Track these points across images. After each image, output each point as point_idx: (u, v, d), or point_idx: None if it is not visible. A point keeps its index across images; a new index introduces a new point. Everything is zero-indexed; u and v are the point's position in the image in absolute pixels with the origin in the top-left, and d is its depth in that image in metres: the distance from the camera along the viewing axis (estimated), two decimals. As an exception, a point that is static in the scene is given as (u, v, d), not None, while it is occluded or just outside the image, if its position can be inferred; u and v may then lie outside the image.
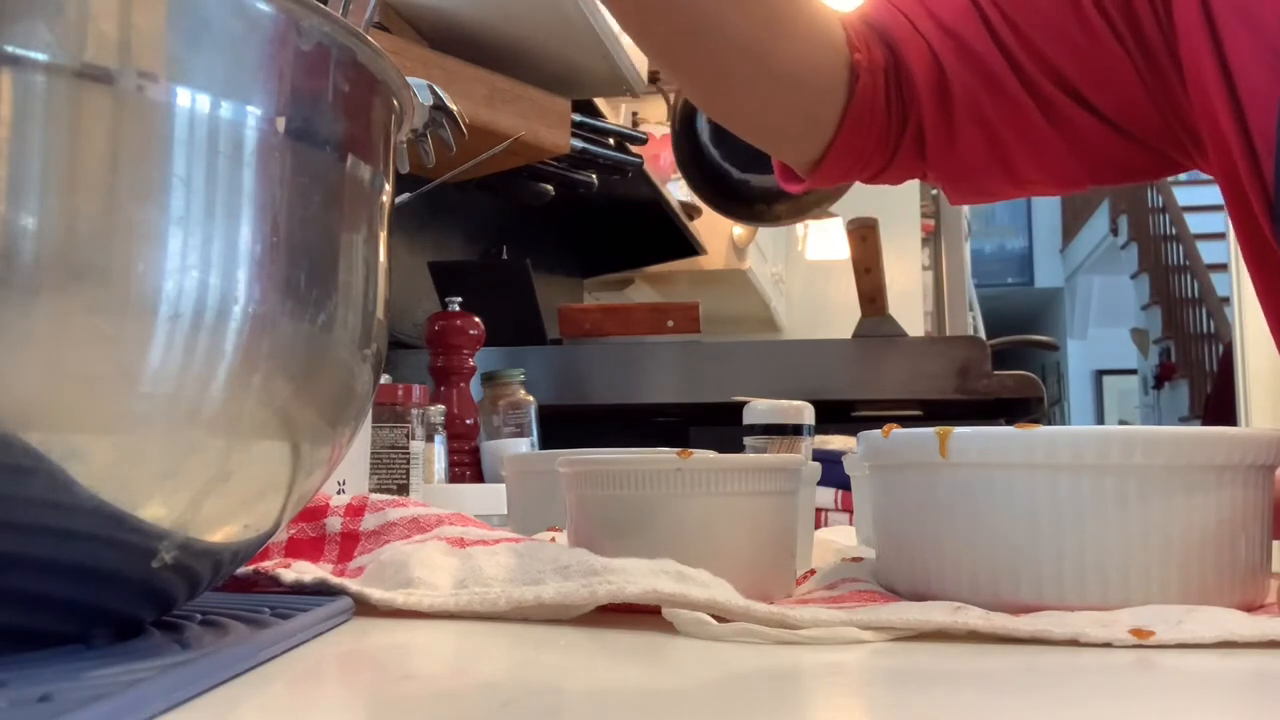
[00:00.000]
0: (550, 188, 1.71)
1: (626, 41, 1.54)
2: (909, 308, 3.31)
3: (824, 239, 3.74)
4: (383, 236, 0.41)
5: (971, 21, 0.70)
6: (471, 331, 1.31)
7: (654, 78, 1.87)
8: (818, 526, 0.90)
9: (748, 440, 0.68)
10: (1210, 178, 0.71)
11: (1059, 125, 0.70)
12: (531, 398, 1.34)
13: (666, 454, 0.50)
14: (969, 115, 0.71)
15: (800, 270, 3.83)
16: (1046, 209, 10.57)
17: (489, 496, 0.97)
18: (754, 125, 0.77)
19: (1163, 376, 8.44)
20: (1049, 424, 0.52)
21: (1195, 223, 7.97)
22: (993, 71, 0.70)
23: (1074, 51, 0.69)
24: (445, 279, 1.64)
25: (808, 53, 0.71)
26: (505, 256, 1.95)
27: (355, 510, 0.59)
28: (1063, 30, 0.69)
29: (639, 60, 1.61)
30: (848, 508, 0.98)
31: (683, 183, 1.78)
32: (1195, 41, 0.65)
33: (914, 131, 0.73)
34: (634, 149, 1.75)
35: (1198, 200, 7.96)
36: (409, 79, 0.42)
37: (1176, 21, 0.66)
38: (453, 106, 0.48)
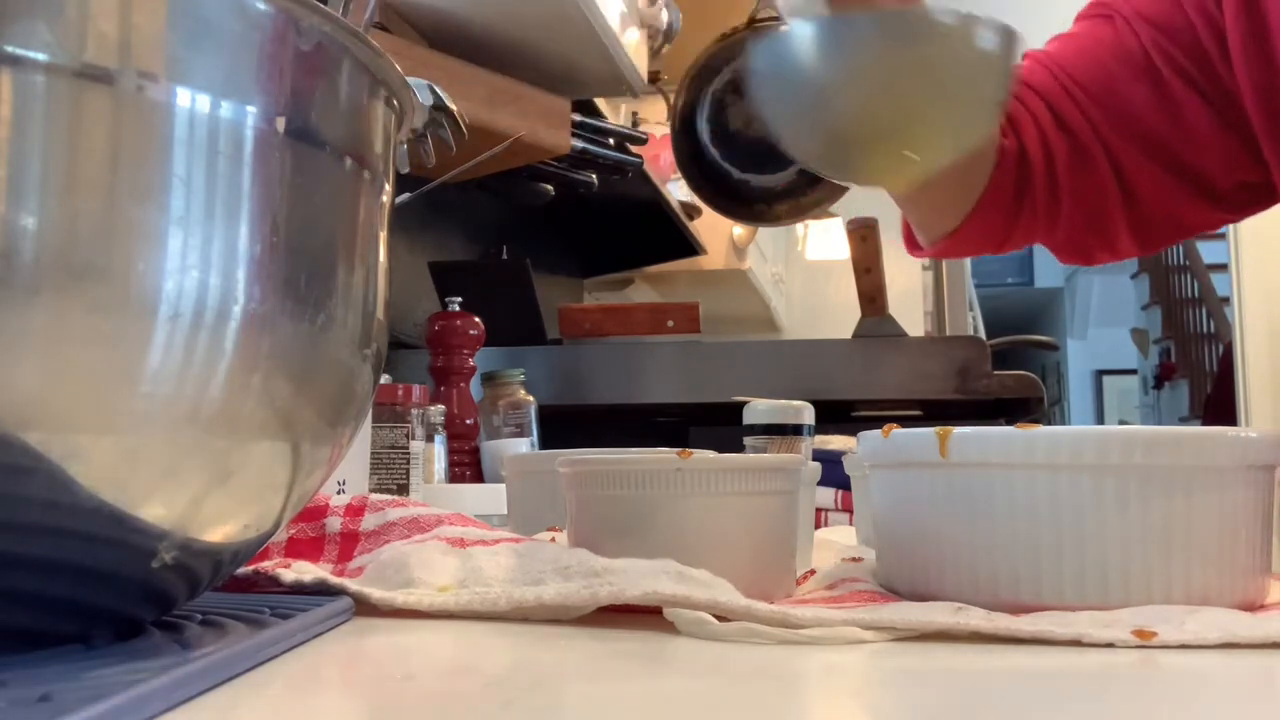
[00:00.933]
0: (550, 188, 1.71)
1: (626, 41, 1.53)
2: (909, 308, 3.30)
3: (824, 239, 3.74)
4: (383, 236, 0.41)
5: (1066, 102, 0.76)
6: (471, 331, 1.31)
7: (654, 78, 1.87)
8: (818, 526, 0.90)
9: (748, 440, 0.68)
10: None
11: (1149, 199, 0.77)
12: (531, 398, 1.34)
13: (666, 454, 0.50)
14: (1071, 192, 0.77)
15: (800, 270, 3.83)
16: (1046, 209, 10.54)
17: (489, 496, 0.97)
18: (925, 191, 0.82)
19: (1163, 376, 8.44)
20: (1049, 424, 0.52)
21: (1195, 223, 7.96)
22: (1089, 150, 0.76)
23: (1157, 119, 0.75)
24: (445, 279, 1.64)
25: None
26: (505, 256, 1.95)
27: (355, 510, 0.59)
28: (1145, 104, 0.75)
29: (639, 60, 1.61)
30: (848, 508, 0.98)
31: (683, 183, 1.78)
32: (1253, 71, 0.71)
33: (1030, 208, 0.79)
34: (634, 149, 1.75)
35: (1198, 200, 7.94)
36: (409, 79, 0.42)
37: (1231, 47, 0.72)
38: (453, 106, 0.48)
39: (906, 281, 3.53)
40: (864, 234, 1.75)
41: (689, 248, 2.51)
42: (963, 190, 0.79)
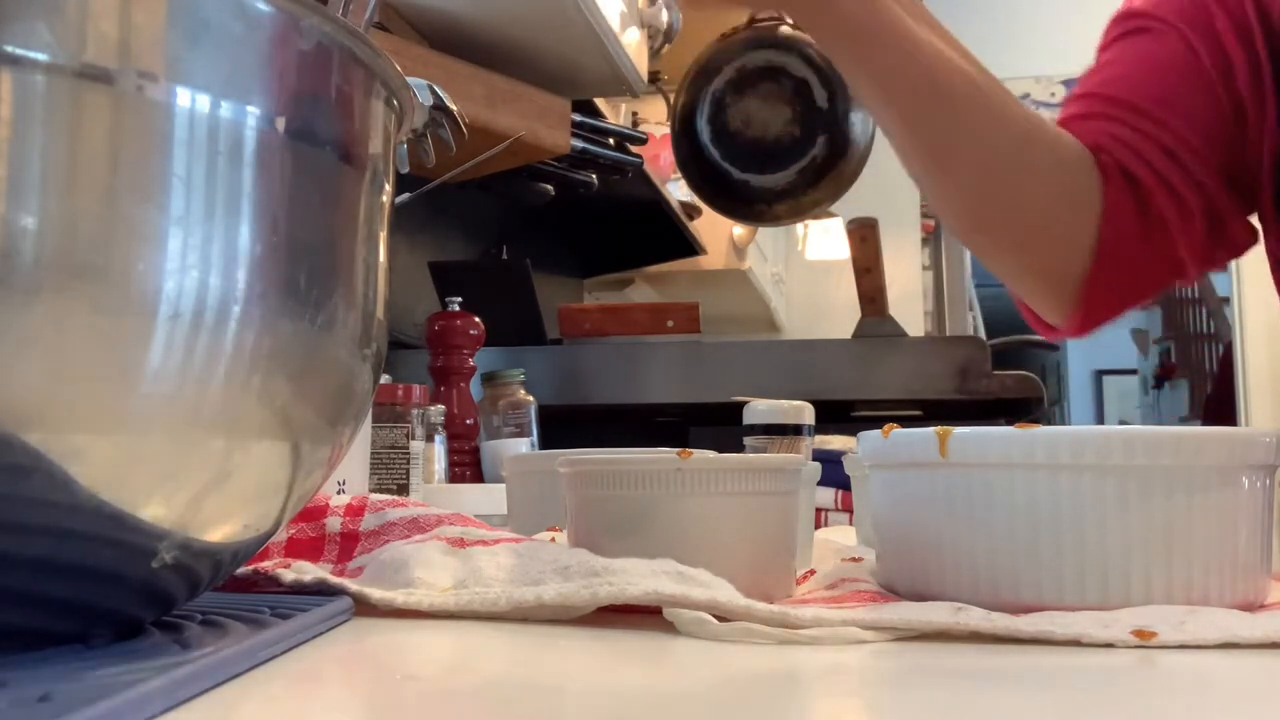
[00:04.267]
0: (550, 188, 1.71)
1: (626, 41, 1.53)
2: (909, 308, 3.31)
3: (824, 239, 3.74)
4: (383, 236, 0.41)
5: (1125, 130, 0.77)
6: (471, 331, 1.31)
7: (654, 78, 1.87)
8: (818, 526, 0.90)
9: (748, 440, 0.68)
10: None
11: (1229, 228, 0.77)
12: (531, 398, 1.34)
13: (666, 454, 0.50)
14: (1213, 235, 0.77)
15: (800, 270, 3.83)
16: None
17: (489, 496, 0.97)
18: (1011, 267, 0.82)
19: (1163, 376, 8.43)
20: (1049, 424, 0.52)
21: (1195, 223, 7.96)
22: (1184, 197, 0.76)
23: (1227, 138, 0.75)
24: (445, 279, 1.64)
25: (1051, 178, 0.77)
26: (505, 256, 1.95)
27: (355, 510, 0.59)
28: (1220, 125, 0.75)
29: (639, 60, 1.61)
30: (848, 508, 0.98)
31: (683, 183, 1.78)
32: None
33: (1158, 222, 0.77)
34: (634, 149, 1.75)
35: (1198, 200, 7.94)
36: (409, 79, 0.42)
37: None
38: (453, 106, 0.48)
39: (906, 281, 3.54)
40: (864, 234, 1.75)
41: (689, 248, 2.51)
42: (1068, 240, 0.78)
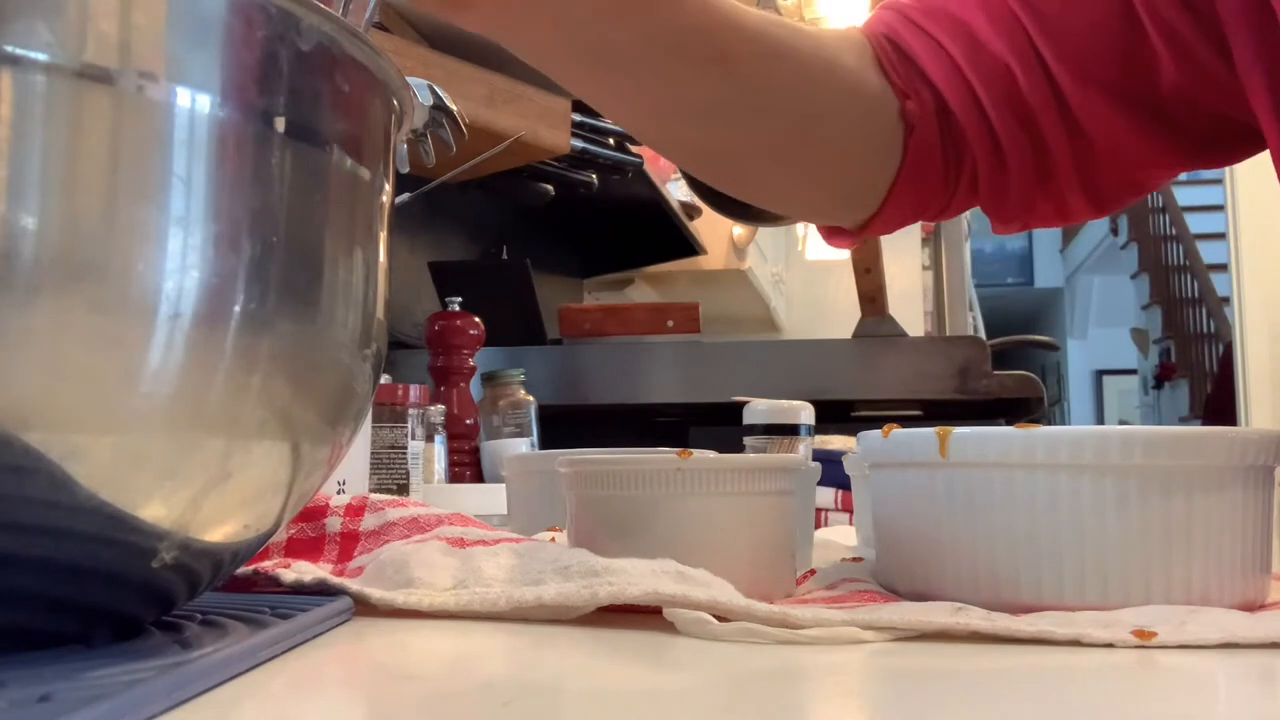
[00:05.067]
0: (550, 188, 1.71)
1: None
2: (909, 308, 3.31)
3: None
4: (383, 236, 0.41)
5: (988, 29, 0.66)
6: (471, 331, 1.31)
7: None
8: (818, 526, 0.90)
9: (748, 440, 0.68)
10: (1211, 177, 0.70)
11: (1101, 140, 0.66)
12: (531, 398, 1.34)
13: (666, 454, 0.50)
14: (1013, 146, 0.67)
15: (800, 270, 3.83)
16: (1046, 209, 10.55)
17: (489, 496, 0.97)
18: (796, 207, 0.75)
19: (1163, 376, 8.44)
20: (1049, 424, 0.52)
21: (1195, 223, 7.97)
22: (1022, 80, 0.65)
23: (1121, 55, 0.64)
24: (445, 279, 1.64)
25: (852, 122, 0.67)
26: (505, 256, 1.95)
27: (355, 510, 0.59)
28: (1110, 36, 0.64)
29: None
30: (848, 508, 0.98)
31: (683, 183, 1.78)
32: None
33: (969, 174, 0.69)
34: (634, 149, 1.75)
35: (1198, 200, 7.96)
36: (409, 79, 0.42)
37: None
38: (453, 106, 0.48)
39: (906, 281, 3.53)
40: (864, 234, 1.74)
41: (689, 248, 2.51)
42: (862, 176, 0.69)
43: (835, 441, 1.05)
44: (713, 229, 2.61)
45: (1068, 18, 0.65)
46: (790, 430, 0.67)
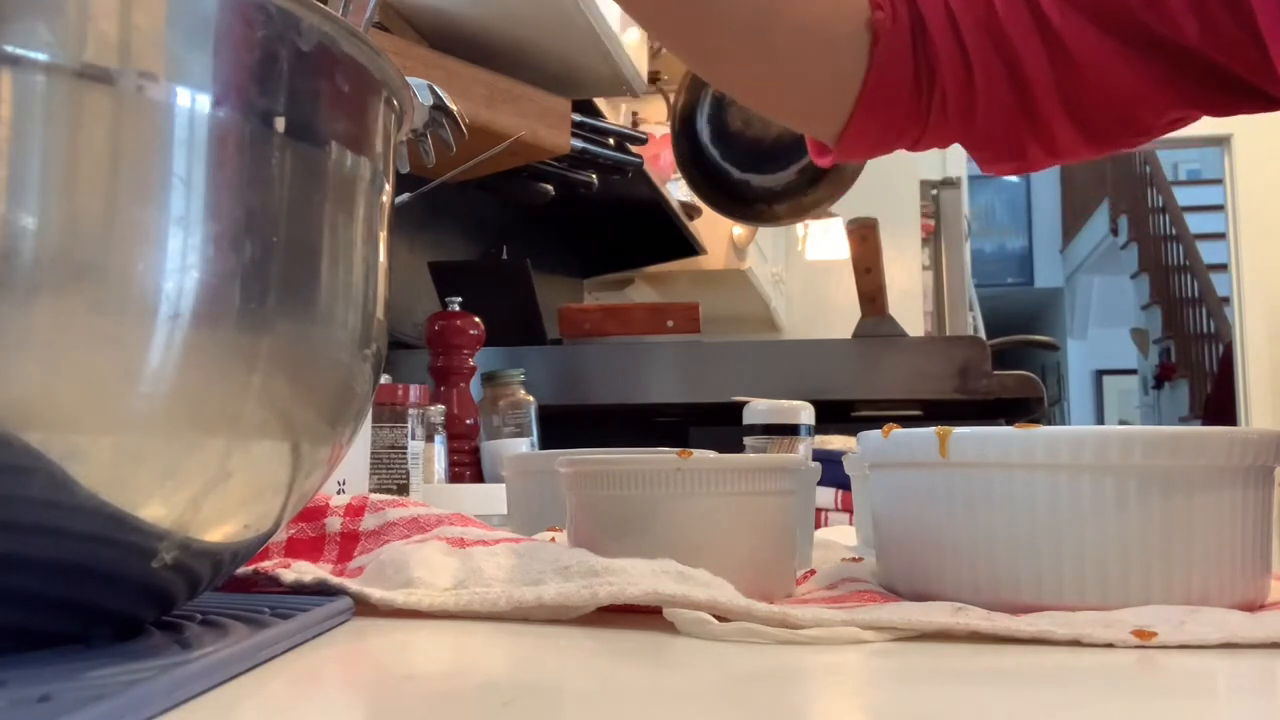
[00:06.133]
0: (550, 188, 1.71)
1: (627, 41, 1.54)
2: (909, 308, 3.31)
3: (824, 239, 3.74)
4: (383, 236, 0.41)
5: None
6: (471, 331, 1.31)
7: (654, 78, 1.88)
8: (818, 526, 0.90)
9: (748, 440, 0.68)
10: (1210, 177, 0.68)
11: (1088, 65, 0.65)
12: (531, 398, 1.34)
13: (666, 454, 0.50)
14: (981, 57, 0.66)
15: (800, 270, 3.83)
16: (1047, 209, 10.57)
17: (489, 496, 0.97)
18: (769, 100, 0.73)
19: (1163, 376, 8.44)
20: (1049, 424, 0.52)
21: (1195, 223, 7.97)
22: (1006, 32, 0.65)
23: None
24: (445, 279, 1.64)
25: (819, 17, 0.67)
26: (505, 256, 1.95)
27: (355, 510, 0.59)
28: None
29: (639, 60, 1.61)
30: (848, 508, 0.98)
31: (683, 183, 1.78)
32: None
33: (940, 96, 0.68)
34: (634, 149, 1.75)
35: (1198, 200, 7.96)
36: (409, 79, 0.42)
37: None
38: (453, 106, 0.48)
39: (906, 281, 3.54)
40: (864, 234, 1.75)
41: (689, 248, 2.51)
42: (826, 78, 0.67)
43: (835, 441, 1.05)
44: (713, 229, 2.61)
45: None
46: (790, 430, 0.67)
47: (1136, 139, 0.70)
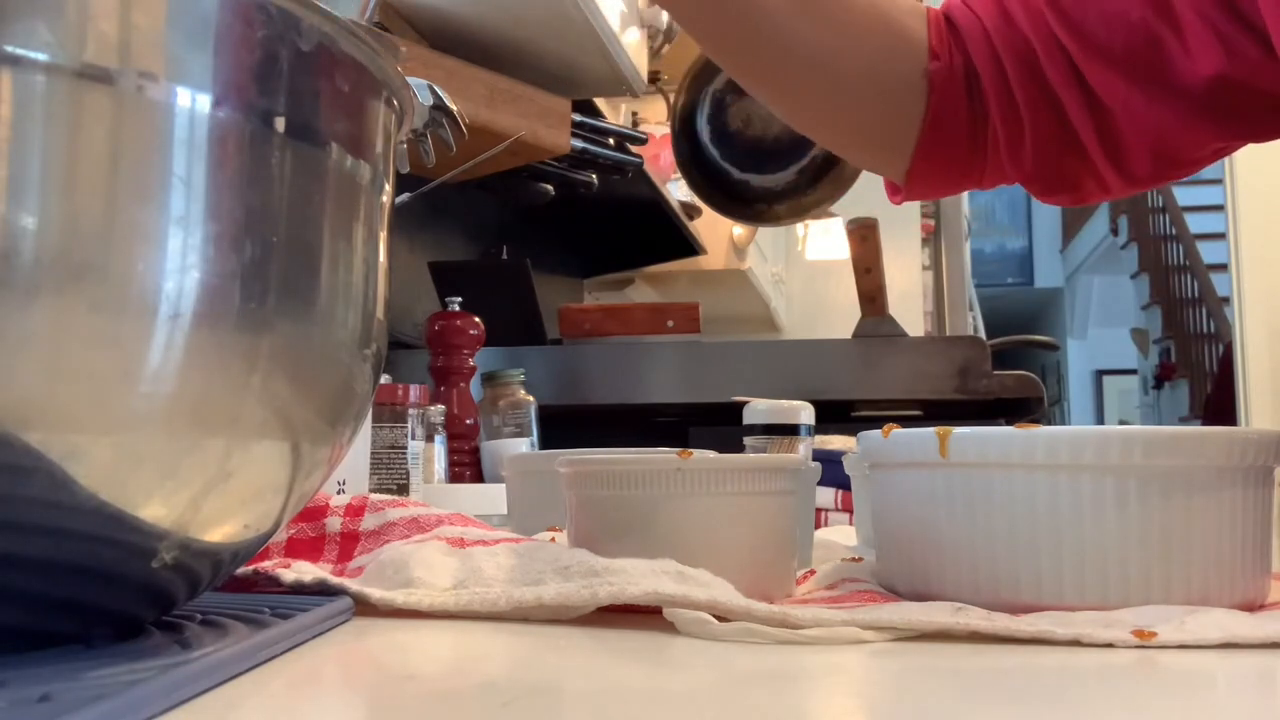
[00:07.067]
0: (550, 188, 1.71)
1: (626, 41, 1.54)
2: (909, 308, 3.30)
3: (824, 239, 3.74)
4: (383, 236, 0.41)
5: (1030, 23, 0.69)
6: (471, 331, 1.31)
7: (654, 78, 1.87)
8: (818, 526, 0.90)
9: (748, 440, 0.68)
10: (1211, 177, 0.69)
11: (1118, 113, 0.68)
12: (531, 398, 1.34)
13: (666, 454, 0.50)
14: (1034, 117, 0.70)
15: (800, 270, 3.83)
16: (1047, 209, 10.56)
17: (489, 496, 0.97)
18: (830, 135, 0.78)
19: (1163, 376, 8.44)
20: (1049, 424, 0.52)
21: (1195, 223, 7.97)
22: (1048, 80, 0.69)
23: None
24: (445, 279, 1.64)
25: (878, 61, 0.71)
26: (505, 256, 1.95)
27: (355, 510, 0.59)
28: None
29: (639, 60, 1.61)
30: (848, 508, 0.98)
31: (683, 183, 1.78)
32: None
33: (993, 143, 0.72)
34: (634, 149, 1.75)
35: (1198, 200, 7.96)
36: (409, 79, 0.42)
37: None
38: (453, 106, 0.48)
39: (906, 281, 3.53)
40: (864, 234, 1.75)
41: (689, 248, 2.51)
42: (885, 120, 0.72)
43: (835, 441, 1.05)
44: (713, 229, 2.61)
45: (1086, 6, 0.68)
46: (790, 430, 0.67)
47: (1182, 172, 0.73)
